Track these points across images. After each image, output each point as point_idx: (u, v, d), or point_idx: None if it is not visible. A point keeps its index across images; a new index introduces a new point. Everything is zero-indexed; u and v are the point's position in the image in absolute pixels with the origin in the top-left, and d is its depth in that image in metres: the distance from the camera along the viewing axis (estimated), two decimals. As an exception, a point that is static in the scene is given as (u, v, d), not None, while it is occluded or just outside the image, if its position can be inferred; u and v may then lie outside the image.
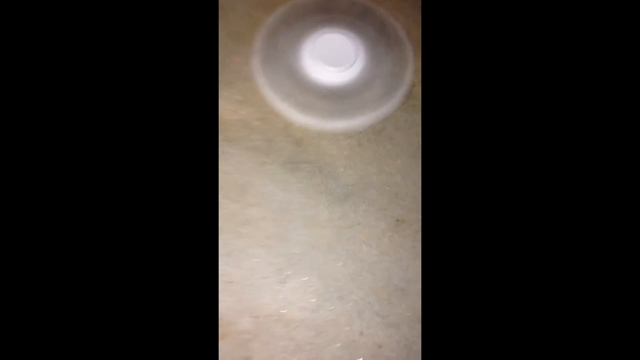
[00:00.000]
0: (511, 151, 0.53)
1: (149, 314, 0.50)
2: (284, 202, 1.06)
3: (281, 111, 1.13)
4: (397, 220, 1.05)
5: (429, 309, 0.53)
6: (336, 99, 1.13)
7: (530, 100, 0.54)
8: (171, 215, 0.51)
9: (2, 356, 0.45)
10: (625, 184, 0.49)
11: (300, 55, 1.17)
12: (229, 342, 0.94)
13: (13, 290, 0.46)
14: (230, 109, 1.13)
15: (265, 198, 1.06)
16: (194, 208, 0.52)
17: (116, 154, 0.50)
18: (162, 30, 0.53)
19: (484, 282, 0.52)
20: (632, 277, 0.48)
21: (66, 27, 0.50)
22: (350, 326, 0.97)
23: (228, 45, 1.19)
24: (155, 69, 0.53)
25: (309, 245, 1.02)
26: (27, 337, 0.46)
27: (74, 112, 0.50)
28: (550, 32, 0.53)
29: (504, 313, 0.51)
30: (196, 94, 0.54)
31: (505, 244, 0.52)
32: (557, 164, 0.52)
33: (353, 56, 1.14)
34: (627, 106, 0.50)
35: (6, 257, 0.46)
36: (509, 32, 0.55)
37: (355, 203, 1.06)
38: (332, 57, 1.14)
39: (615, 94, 0.51)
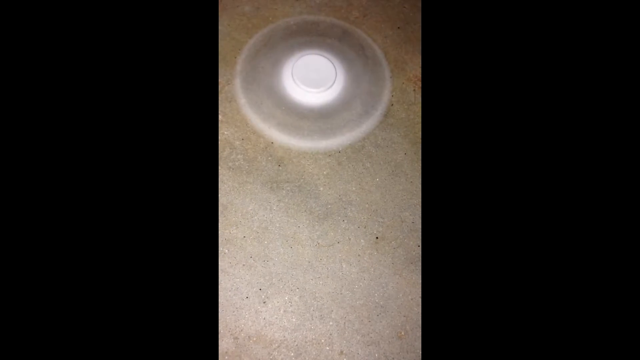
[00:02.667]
0: (510, 162, 0.52)
1: (149, 331, 0.50)
2: (265, 221, 1.07)
3: (262, 131, 1.15)
4: (377, 238, 1.07)
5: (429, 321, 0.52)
6: (316, 118, 1.16)
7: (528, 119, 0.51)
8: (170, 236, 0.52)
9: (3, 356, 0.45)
10: (623, 184, 0.48)
11: (281, 76, 1.19)
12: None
13: (13, 290, 0.46)
14: (212, 129, 1.14)
15: (247, 217, 1.07)
16: (194, 227, 0.53)
17: (119, 173, 0.51)
18: (166, 54, 0.54)
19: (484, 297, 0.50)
20: (631, 277, 0.47)
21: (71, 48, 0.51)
22: (330, 345, 0.97)
23: (210, 66, 1.21)
24: (158, 92, 0.54)
25: (290, 265, 1.03)
26: (27, 337, 0.46)
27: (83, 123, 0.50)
28: (546, 40, 0.52)
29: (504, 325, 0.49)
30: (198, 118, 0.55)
31: (506, 256, 0.50)
32: (557, 176, 0.50)
33: (332, 77, 1.17)
34: (626, 106, 0.49)
35: (6, 257, 0.46)
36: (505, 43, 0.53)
37: (335, 221, 1.08)
38: (312, 78, 1.17)
39: (612, 93, 0.50)
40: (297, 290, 1.01)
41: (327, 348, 0.97)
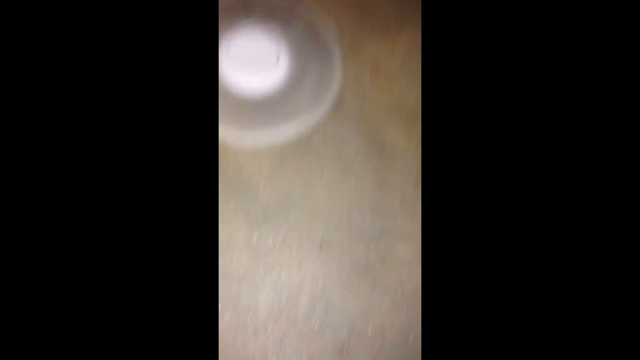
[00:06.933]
0: (511, 160, 0.50)
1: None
2: (196, 224, 0.94)
3: (194, 119, 1.00)
4: (321, 243, 0.97)
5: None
6: (256, 107, 1.01)
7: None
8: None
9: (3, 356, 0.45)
10: (624, 185, 0.47)
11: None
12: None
13: (13, 290, 0.46)
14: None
15: (174, 220, 0.94)
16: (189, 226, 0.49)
17: (117, 162, 0.48)
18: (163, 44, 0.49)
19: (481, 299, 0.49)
20: (632, 277, 0.47)
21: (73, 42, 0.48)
22: (264, 365, 0.89)
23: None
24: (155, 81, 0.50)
25: (222, 274, 0.92)
26: (27, 337, 0.46)
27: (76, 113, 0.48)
28: (549, 40, 0.50)
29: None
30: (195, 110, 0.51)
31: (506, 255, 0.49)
32: (561, 177, 0.49)
33: (275, 57, 1.02)
34: (626, 107, 0.48)
35: (6, 257, 0.46)
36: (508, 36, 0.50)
37: (276, 225, 0.97)
38: (252, 58, 1.01)
39: (613, 94, 0.48)
40: (230, 303, 0.91)
41: (261, 368, 0.89)
